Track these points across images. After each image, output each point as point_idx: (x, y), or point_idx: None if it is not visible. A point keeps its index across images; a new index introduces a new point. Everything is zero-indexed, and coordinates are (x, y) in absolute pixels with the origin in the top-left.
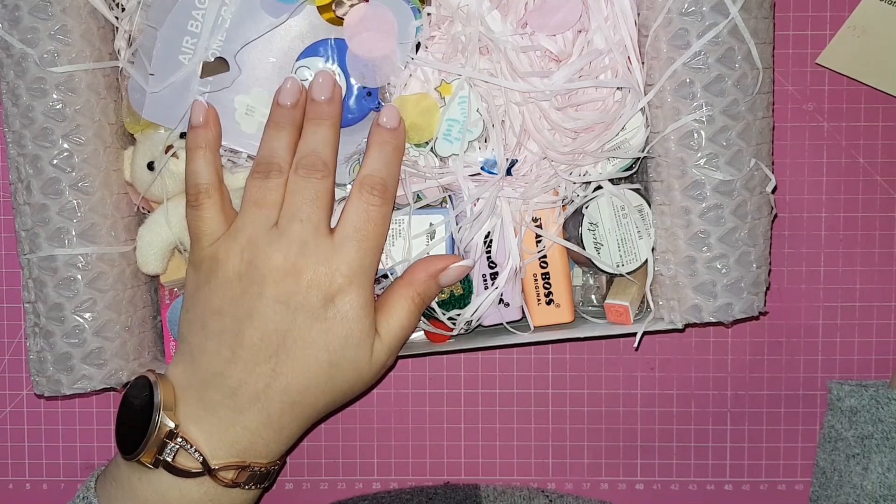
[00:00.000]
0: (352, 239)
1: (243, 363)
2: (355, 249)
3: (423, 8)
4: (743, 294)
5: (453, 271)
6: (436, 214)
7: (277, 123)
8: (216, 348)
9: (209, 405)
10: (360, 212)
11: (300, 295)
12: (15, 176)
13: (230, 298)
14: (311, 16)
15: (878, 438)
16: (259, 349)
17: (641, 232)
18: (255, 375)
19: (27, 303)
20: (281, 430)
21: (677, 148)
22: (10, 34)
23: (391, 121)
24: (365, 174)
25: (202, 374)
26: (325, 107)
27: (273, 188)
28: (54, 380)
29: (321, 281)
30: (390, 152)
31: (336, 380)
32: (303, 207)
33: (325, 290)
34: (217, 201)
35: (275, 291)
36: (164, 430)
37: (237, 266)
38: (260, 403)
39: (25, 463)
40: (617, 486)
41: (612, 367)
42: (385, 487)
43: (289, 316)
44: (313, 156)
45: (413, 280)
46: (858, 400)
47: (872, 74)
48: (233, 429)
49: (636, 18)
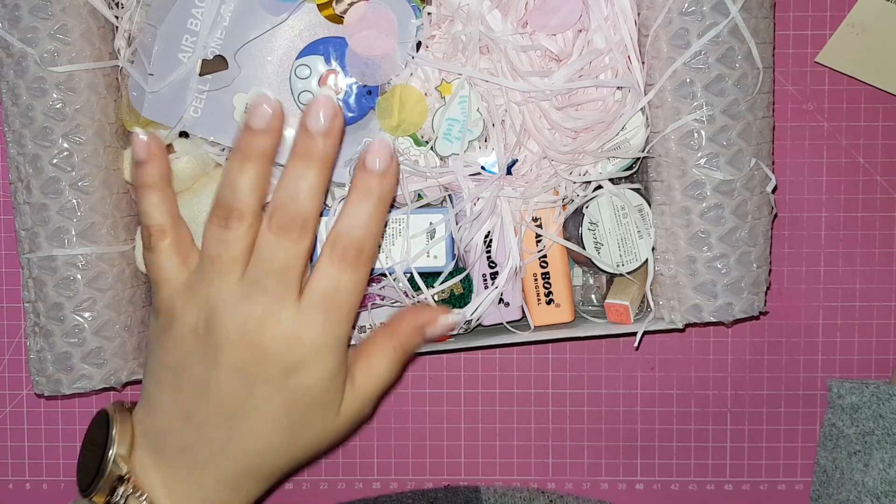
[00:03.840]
0: (318, 309)
1: (197, 424)
2: (322, 321)
3: (423, 7)
4: (743, 294)
5: (441, 326)
6: (435, 214)
7: (244, 154)
8: (171, 405)
9: (164, 457)
10: (330, 280)
11: (257, 367)
12: (15, 175)
13: (185, 358)
14: (310, 14)
15: (880, 435)
16: (214, 414)
17: (641, 231)
18: (209, 437)
19: (27, 302)
20: (238, 490)
21: (677, 148)
22: (10, 34)
23: (380, 162)
24: (339, 231)
25: (157, 426)
26: (319, 143)
27: (232, 241)
28: (54, 379)
29: (281, 353)
30: (373, 206)
31: (299, 442)
32: (269, 277)
33: (286, 363)
34: (172, 242)
35: (230, 361)
36: (115, 474)
37: (193, 325)
38: (215, 464)
39: (25, 463)
40: (617, 486)
41: (612, 367)
42: (385, 487)
43: (246, 386)
44: (292, 208)
45: (397, 331)
46: (859, 397)
47: (871, 72)
48: (187, 484)
49: (636, 18)
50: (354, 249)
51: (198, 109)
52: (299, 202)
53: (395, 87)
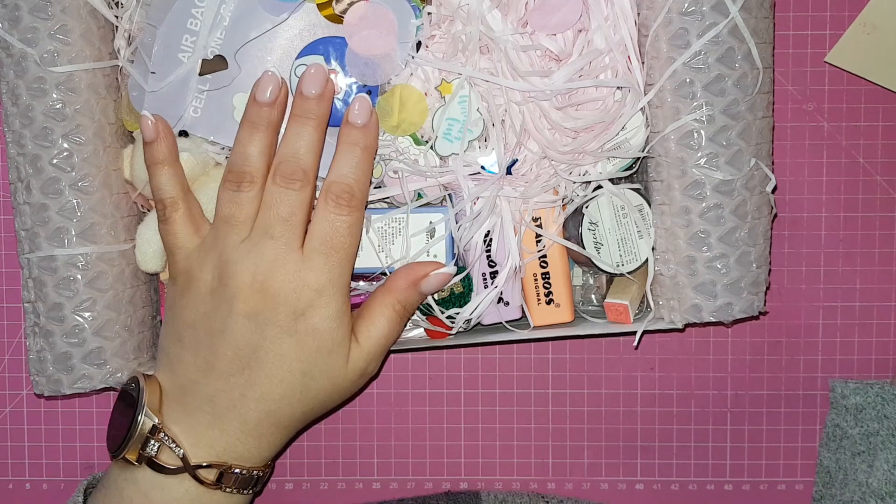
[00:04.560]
0: (319, 252)
1: (218, 373)
2: (323, 262)
3: (423, 7)
4: (743, 294)
5: (434, 279)
6: (435, 213)
7: (252, 124)
8: (192, 359)
9: (188, 409)
10: (326, 223)
11: (269, 312)
12: (15, 175)
13: (203, 313)
14: (310, 13)
15: (884, 435)
16: (232, 361)
17: (641, 231)
18: (230, 385)
19: (27, 302)
20: (260, 437)
21: (677, 147)
22: (10, 34)
23: (361, 115)
24: (331, 180)
25: (180, 381)
26: (313, 104)
27: (245, 202)
28: (54, 379)
29: (289, 297)
30: (359, 154)
31: (311, 389)
32: (276, 224)
33: (294, 306)
34: (184, 212)
35: (244, 308)
36: (146, 427)
37: (209, 282)
38: (236, 410)
39: (25, 463)
40: (617, 486)
41: (612, 367)
42: (385, 487)
43: (258, 331)
44: (293, 162)
45: (393, 287)
46: (864, 397)
47: (882, 73)
48: (211, 431)
49: (636, 18)
50: (347, 194)
51: (198, 109)
52: (300, 156)
53: (395, 87)
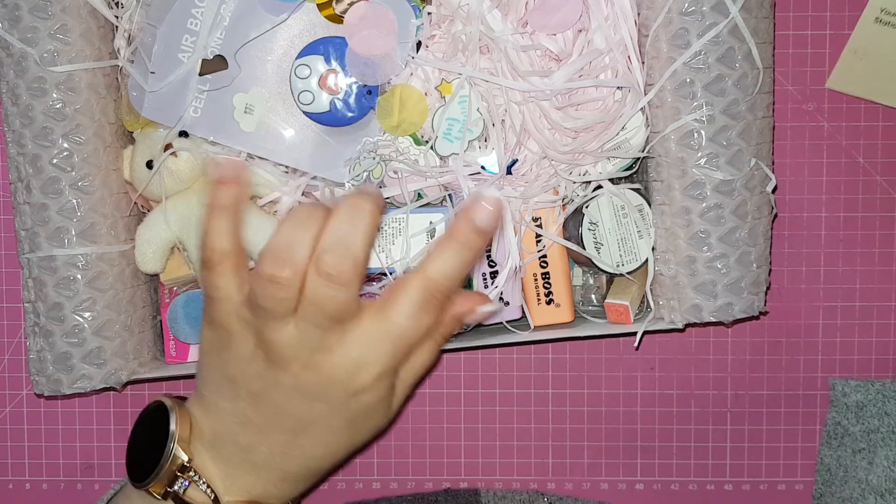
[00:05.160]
0: (391, 341)
1: (257, 429)
2: (390, 351)
3: (423, 7)
4: (743, 294)
5: (479, 315)
6: (435, 213)
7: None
8: (230, 409)
9: (223, 454)
10: (412, 317)
11: (321, 389)
12: (15, 175)
13: (244, 372)
14: (310, 14)
15: (884, 432)
16: (274, 423)
17: (641, 231)
18: (269, 441)
19: (27, 302)
20: (297, 483)
21: (677, 148)
22: (10, 34)
23: (487, 221)
24: (435, 278)
25: (215, 426)
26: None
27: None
28: (54, 379)
29: (345, 379)
30: (469, 259)
31: (357, 442)
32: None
33: (350, 388)
34: (231, 267)
35: (293, 382)
36: (177, 462)
37: (252, 348)
38: (276, 463)
39: (25, 463)
40: (617, 486)
41: (612, 367)
42: (385, 487)
43: (307, 404)
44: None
45: (440, 320)
46: (865, 395)
47: (883, 92)
48: (247, 477)
49: (636, 18)
50: (444, 295)
51: (198, 109)
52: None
53: (395, 87)
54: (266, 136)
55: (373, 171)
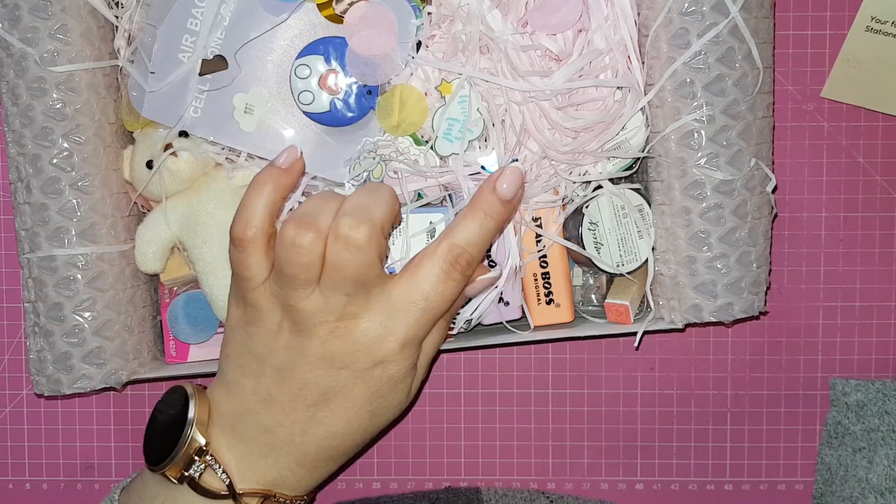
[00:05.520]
0: (417, 307)
1: (280, 406)
2: (416, 318)
3: (423, 7)
4: (743, 294)
5: (479, 284)
6: (435, 213)
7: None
8: (252, 388)
9: (241, 436)
10: (437, 283)
11: (346, 356)
12: (15, 175)
13: (270, 348)
14: (310, 14)
15: (885, 431)
16: (297, 398)
17: (641, 231)
18: (291, 419)
19: (27, 302)
20: (313, 469)
21: (677, 147)
22: (10, 33)
23: (509, 190)
24: (460, 245)
25: (237, 406)
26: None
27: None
28: (54, 379)
29: (370, 345)
30: (492, 227)
31: (376, 424)
32: (348, 284)
33: (374, 355)
34: (261, 246)
35: (319, 350)
36: (193, 446)
37: (279, 320)
38: (295, 445)
39: (25, 463)
40: (617, 486)
41: (612, 367)
42: (385, 487)
43: (331, 374)
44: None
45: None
46: (865, 394)
47: (878, 100)
48: (264, 460)
49: (636, 18)
50: (468, 263)
51: (198, 109)
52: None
53: (395, 87)
54: (266, 136)
55: (373, 171)
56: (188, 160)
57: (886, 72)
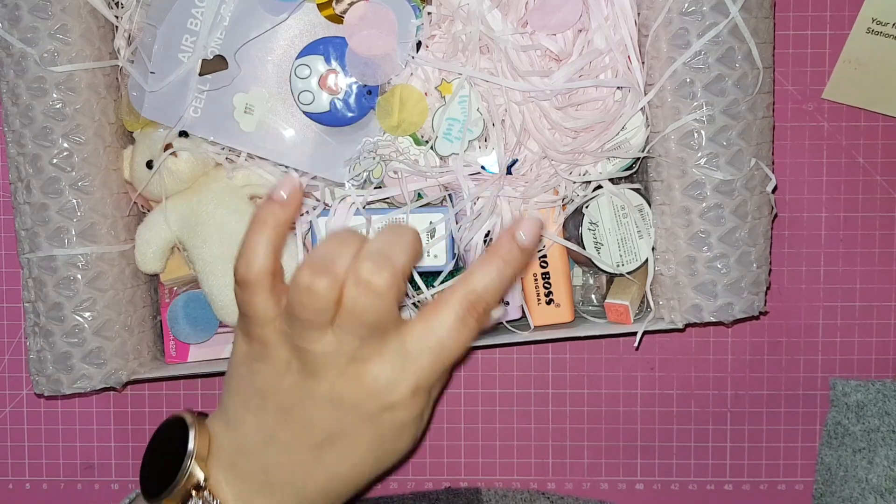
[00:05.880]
0: (431, 353)
1: (282, 446)
2: (429, 365)
3: (423, 7)
4: (743, 294)
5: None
6: (436, 213)
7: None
8: (255, 424)
9: (240, 473)
10: (453, 329)
11: (355, 400)
12: (15, 175)
13: (275, 385)
14: (310, 14)
15: (885, 432)
16: (301, 438)
17: (641, 231)
18: (292, 459)
19: (27, 302)
20: None
21: (677, 147)
22: (10, 33)
23: (528, 239)
24: (478, 291)
25: (237, 443)
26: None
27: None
28: (54, 379)
29: (381, 390)
30: (509, 275)
31: (380, 468)
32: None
33: (384, 400)
34: (266, 286)
35: (328, 391)
36: (192, 481)
37: (287, 359)
38: (295, 486)
39: (25, 463)
40: (617, 486)
41: (612, 367)
42: (385, 487)
43: (339, 416)
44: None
45: None
46: (865, 394)
47: (879, 102)
48: (262, 499)
49: (636, 18)
50: (482, 309)
51: (197, 109)
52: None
53: (395, 87)
54: (266, 136)
55: (373, 171)
56: (188, 160)
57: (887, 73)
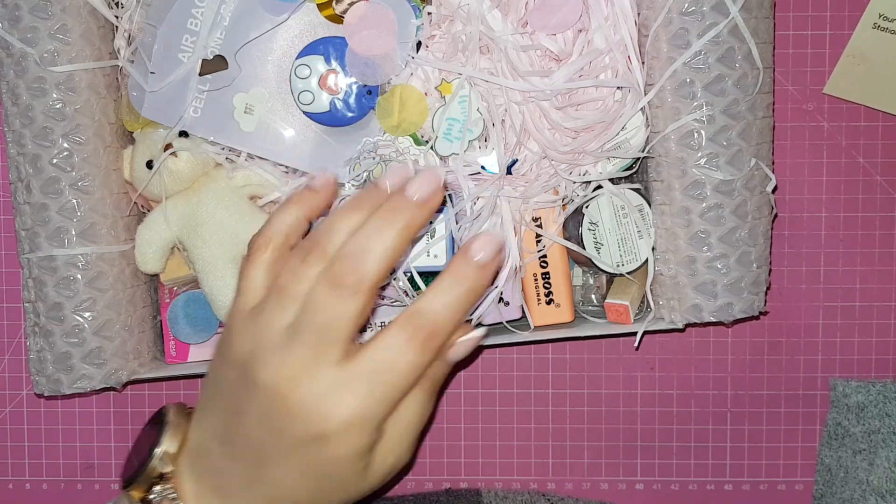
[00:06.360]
0: (366, 380)
1: (230, 452)
2: (365, 394)
3: (423, 7)
4: (743, 294)
5: (461, 346)
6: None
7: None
8: (214, 422)
9: (198, 471)
10: (391, 353)
11: (284, 421)
12: (15, 175)
13: (226, 383)
14: (310, 14)
15: (885, 433)
16: (243, 448)
17: (641, 231)
18: (237, 469)
19: (27, 302)
20: None
21: (677, 148)
22: (10, 33)
23: (485, 254)
24: (421, 308)
25: (198, 440)
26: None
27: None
28: (54, 379)
29: (308, 416)
30: (462, 294)
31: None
32: (309, 330)
33: (310, 429)
34: (268, 259)
35: (259, 405)
36: (158, 469)
37: (240, 354)
38: (243, 495)
39: (25, 463)
40: (617, 486)
41: (612, 367)
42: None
43: (271, 435)
44: (353, 261)
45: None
46: (866, 395)
47: (880, 98)
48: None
49: (636, 18)
50: (429, 331)
51: (198, 109)
52: (367, 257)
53: (395, 87)
54: (266, 136)
55: (373, 171)
56: (188, 160)
57: (891, 69)
